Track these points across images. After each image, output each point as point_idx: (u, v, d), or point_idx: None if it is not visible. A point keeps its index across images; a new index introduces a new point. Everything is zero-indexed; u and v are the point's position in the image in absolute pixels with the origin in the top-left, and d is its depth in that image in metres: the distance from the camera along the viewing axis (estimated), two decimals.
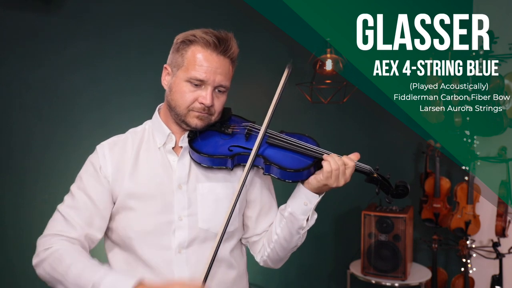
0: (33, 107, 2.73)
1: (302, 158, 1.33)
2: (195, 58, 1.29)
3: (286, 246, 1.40)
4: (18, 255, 2.73)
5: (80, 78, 2.81)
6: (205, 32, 1.30)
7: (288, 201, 1.38)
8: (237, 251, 1.44)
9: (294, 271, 3.48)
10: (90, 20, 2.83)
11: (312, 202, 1.33)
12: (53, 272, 1.23)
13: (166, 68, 1.37)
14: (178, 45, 1.32)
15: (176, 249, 1.32)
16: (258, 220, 1.45)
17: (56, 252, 1.25)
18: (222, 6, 3.18)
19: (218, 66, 1.30)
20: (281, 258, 1.45)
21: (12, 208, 2.70)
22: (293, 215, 1.34)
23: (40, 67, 2.73)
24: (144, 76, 2.94)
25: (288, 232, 1.37)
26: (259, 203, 1.44)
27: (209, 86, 1.30)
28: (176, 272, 1.31)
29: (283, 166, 1.29)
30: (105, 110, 2.80)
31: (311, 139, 1.40)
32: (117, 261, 1.36)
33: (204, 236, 1.34)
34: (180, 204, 1.33)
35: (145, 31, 2.94)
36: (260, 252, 1.46)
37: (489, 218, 3.44)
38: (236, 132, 1.37)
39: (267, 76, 3.35)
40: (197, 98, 1.30)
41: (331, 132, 3.51)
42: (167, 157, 1.36)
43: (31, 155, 2.72)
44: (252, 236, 1.47)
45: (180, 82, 1.31)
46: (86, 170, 1.38)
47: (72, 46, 2.78)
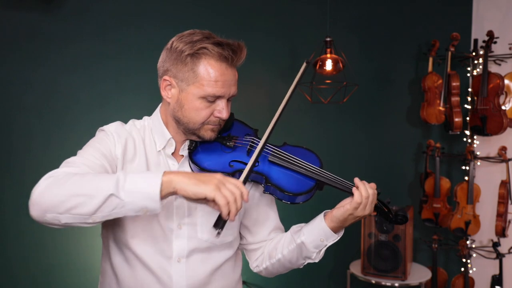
0: (33, 107, 2.73)
1: (304, 180, 1.29)
2: (209, 74, 1.20)
3: (288, 266, 1.40)
4: (18, 255, 2.74)
5: (80, 78, 2.81)
6: (218, 44, 1.21)
7: (303, 229, 1.34)
8: (232, 260, 1.41)
9: (294, 271, 3.46)
10: (90, 20, 2.83)
11: (329, 240, 1.31)
12: (61, 188, 1.04)
13: (167, 80, 1.26)
14: (185, 57, 1.21)
15: (175, 258, 1.29)
16: (253, 229, 1.43)
17: (63, 173, 1.10)
18: (222, 6, 3.18)
19: (231, 78, 1.24)
20: (279, 273, 1.46)
21: (12, 208, 2.70)
22: (305, 245, 1.32)
23: (40, 67, 2.73)
24: (144, 76, 2.93)
25: (295, 257, 1.36)
26: (255, 213, 1.41)
27: (224, 99, 1.25)
28: (174, 280, 1.28)
29: (283, 188, 1.26)
30: (105, 110, 2.80)
31: (314, 156, 1.36)
32: (119, 262, 1.32)
33: (204, 247, 1.32)
34: (179, 212, 1.30)
35: (145, 31, 2.94)
36: (257, 261, 1.45)
37: (489, 218, 3.44)
38: (238, 145, 1.33)
39: (267, 76, 3.35)
40: (212, 112, 1.25)
41: (331, 132, 3.51)
42: (167, 162, 1.32)
43: (31, 155, 2.72)
44: (248, 244, 1.46)
45: (193, 99, 1.23)
46: (97, 139, 1.30)
47: (72, 46, 2.78)
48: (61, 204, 1.03)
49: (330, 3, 3.08)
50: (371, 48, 3.54)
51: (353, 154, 3.53)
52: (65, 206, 1.03)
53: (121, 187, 1.03)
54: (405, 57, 3.60)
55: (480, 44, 3.35)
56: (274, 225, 1.45)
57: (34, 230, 2.76)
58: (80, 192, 1.03)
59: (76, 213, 1.03)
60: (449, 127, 3.35)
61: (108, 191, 1.02)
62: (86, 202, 1.02)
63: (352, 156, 3.51)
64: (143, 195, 1.03)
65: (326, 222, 1.30)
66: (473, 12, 3.49)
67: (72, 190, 1.03)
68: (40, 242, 2.77)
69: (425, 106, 3.42)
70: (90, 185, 1.04)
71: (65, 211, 1.03)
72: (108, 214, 1.04)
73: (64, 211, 1.03)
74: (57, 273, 2.81)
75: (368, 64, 3.52)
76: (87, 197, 1.02)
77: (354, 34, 3.48)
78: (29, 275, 2.75)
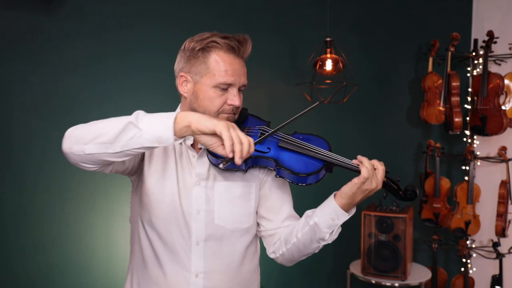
0: (33, 107, 2.73)
1: (313, 162, 1.36)
2: (219, 64, 1.33)
3: (303, 250, 1.43)
4: (18, 255, 2.74)
5: (80, 78, 2.81)
6: (225, 37, 1.34)
7: (316, 210, 1.39)
8: (252, 247, 1.49)
9: (294, 271, 3.47)
10: (90, 20, 2.83)
11: (340, 219, 1.35)
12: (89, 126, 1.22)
13: (183, 76, 1.38)
14: (196, 52, 1.34)
15: (194, 241, 1.39)
16: (269, 216, 1.49)
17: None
18: (222, 6, 3.18)
19: (240, 68, 1.36)
20: (295, 259, 1.49)
21: (12, 208, 2.70)
22: (318, 226, 1.36)
23: (40, 67, 2.73)
24: (144, 76, 2.94)
25: (309, 239, 1.39)
26: (269, 201, 1.48)
27: (235, 88, 1.36)
28: (193, 261, 1.39)
29: (293, 170, 1.33)
30: (105, 110, 2.79)
31: (323, 141, 1.45)
32: (144, 241, 1.43)
33: (221, 233, 1.41)
34: (198, 199, 1.39)
35: (145, 31, 2.94)
36: (274, 246, 1.50)
37: (489, 218, 3.44)
38: (250, 134, 1.41)
39: (267, 76, 3.36)
40: (225, 101, 1.35)
41: (331, 132, 3.50)
42: (188, 152, 1.42)
43: (31, 155, 2.72)
44: (265, 230, 1.51)
45: (207, 89, 1.34)
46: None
47: (72, 46, 2.78)
48: (87, 135, 1.18)
49: (330, 3, 3.08)
50: (371, 48, 3.54)
51: (353, 154, 3.50)
52: (91, 135, 1.18)
53: (140, 118, 1.16)
54: (405, 57, 3.60)
55: (480, 44, 3.35)
56: (289, 212, 1.50)
57: (34, 230, 2.76)
58: (104, 124, 1.19)
59: (99, 142, 1.17)
60: (449, 127, 3.35)
61: (127, 119, 1.16)
62: (108, 131, 1.16)
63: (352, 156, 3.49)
64: (159, 124, 1.15)
65: (336, 200, 1.35)
66: (473, 12, 3.49)
67: (97, 124, 1.20)
68: (40, 242, 2.77)
69: (425, 106, 3.42)
70: (113, 120, 1.19)
71: (90, 140, 1.17)
72: (126, 144, 1.16)
73: (89, 141, 1.17)
74: (57, 273, 2.81)
75: (368, 64, 3.52)
76: (110, 127, 1.17)
77: (354, 34, 3.48)
78: (29, 275, 2.75)
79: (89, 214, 2.87)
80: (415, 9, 3.56)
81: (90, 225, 2.86)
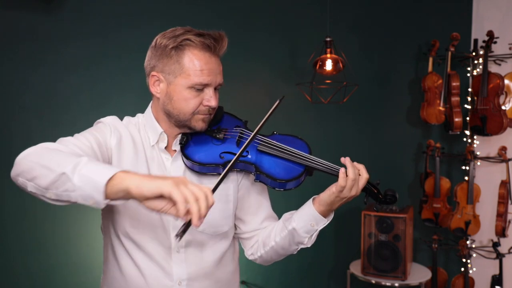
0: (33, 107, 2.73)
1: (293, 166, 1.33)
2: (194, 64, 1.25)
3: (282, 253, 1.42)
4: (18, 255, 2.74)
5: (80, 78, 2.81)
6: (199, 34, 1.26)
7: (294, 215, 1.36)
8: (231, 250, 1.46)
9: (294, 271, 3.48)
10: (90, 20, 2.83)
11: (319, 225, 1.33)
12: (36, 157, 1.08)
13: (155, 76, 1.31)
14: (169, 51, 1.27)
15: (174, 248, 1.33)
16: (246, 218, 1.46)
17: (48, 146, 1.14)
18: (222, 6, 3.18)
19: (216, 66, 1.29)
20: (273, 260, 1.48)
21: (13, 208, 2.70)
22: (296, 231, 1.34)
23: (40, 67, 2.73)
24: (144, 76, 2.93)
25: (288, 243, 1.38)
26: (247, 202, 1.44)
27: (211, 88, 1.28)
28: (174, 269, 1.33)
29: (273, 176, 1.29)
30: (104, 110, 2.78)
31: (303, 143, 1.39)
32: (120, 252, 1.35)
33: (201, 238, 1.36)
34: None
35: (145, 31, 2.92)
36: (252, 249, 1.48)
37: (489, 218, 3.44)
38: (228, 137, 1.37)
39: (267, 76, 3.35)
40: (201, 101, 1.28)
41: (331, 132, 3.51)
42: (161, 156, 1.35)
43: None
44: (242, 233, 1.48)
45: (182, 89, 1.27)
46: (94, 127, 1.35)
47: (72, 46, 2.78)
48: (30, 171, 1.05)
49: (330, 3, 3.08)
50: (371, 48, 3.54)
51: (353, 154, 3.49)
52: (32, 174, 1.05)
53: (78, 170, 1.00)
54: (405, 57, 3.60)
55: (480, 44, 3.35)
56: (267, 213, 1.48)
57: (34, 230, 2.76)
58: (47, 164, 1.04)
59: (37, 183, 1.04)
60: (449, 127, 3.35)
61: (63, 169, 1.00)
62: (45, 175, 1.02)
63: (352, 156, 3.48)
64: (91, 183, 0.98)
65: (314, 206, 1.33)
66: (473, 12, 3.49)
67: (41, 161, 1.05)
68: (40, 242, 2.77)
69: (425, 106, 3.42)
70: (57, 160, 1.04)
71: (31, 179, 1.05)
72: (60, 194, 1.01)
73: (30, 179, 1.05)
74: (57, 273, 2.81)
75: (368, 64, 3.52)
76: (48, 170, 1.02)
77: (354, 34, 3.48)
78: (29, 275, 2.75)
79: (89, 214, 2.87)
80: (415, 9, 3.56)
81: (91, 225, 2.86)
